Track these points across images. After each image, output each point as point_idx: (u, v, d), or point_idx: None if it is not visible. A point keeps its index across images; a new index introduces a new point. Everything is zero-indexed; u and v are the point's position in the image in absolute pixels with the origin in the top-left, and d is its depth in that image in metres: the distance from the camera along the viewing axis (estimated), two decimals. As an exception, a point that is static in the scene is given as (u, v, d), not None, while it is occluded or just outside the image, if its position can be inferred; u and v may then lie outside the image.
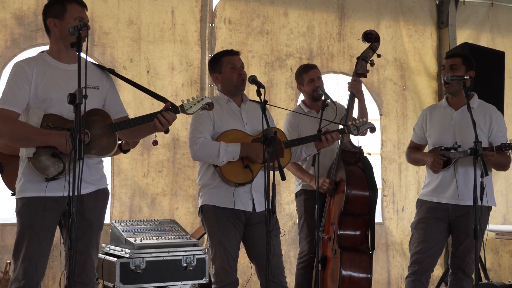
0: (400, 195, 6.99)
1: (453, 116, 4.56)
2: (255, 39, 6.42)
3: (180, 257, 5.00)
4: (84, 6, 3.48)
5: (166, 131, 4.32)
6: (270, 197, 3.54)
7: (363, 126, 4.43)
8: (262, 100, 3.76)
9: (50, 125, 3.26)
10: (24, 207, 3.37)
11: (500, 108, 6.52)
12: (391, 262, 6.91)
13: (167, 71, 6.05)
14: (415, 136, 4.82)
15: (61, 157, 3.29)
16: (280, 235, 4.15)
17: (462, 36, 7.32)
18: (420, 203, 4.69)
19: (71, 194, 3.01)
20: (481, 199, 4.05)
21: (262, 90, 3.81)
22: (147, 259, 4.89)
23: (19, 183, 3.41)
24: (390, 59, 7.01)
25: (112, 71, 3.64)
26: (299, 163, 5.05)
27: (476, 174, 4.06)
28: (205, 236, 5.55)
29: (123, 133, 3.57)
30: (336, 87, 6.84)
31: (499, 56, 6.67)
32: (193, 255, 5.03)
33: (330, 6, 6.80)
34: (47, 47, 3.56)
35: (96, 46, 5.74)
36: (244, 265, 5.82)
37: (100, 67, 3.63)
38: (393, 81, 7.07)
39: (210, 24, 6.23)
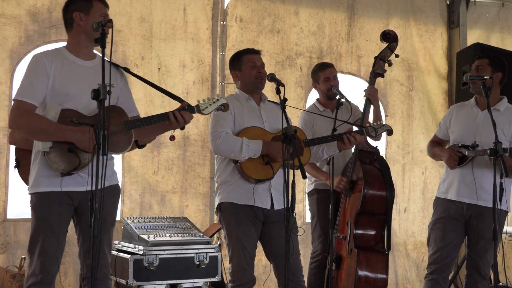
0: (403, 196, 6.97)
1: (478, 115, 4.57)
2: (265, 38, 6.41)
3: (193, 255, 4.99)
4: (107, 6, 3.53)
5: (182, 128, 4.33)
6: (290, 196, 3.52)
7: (381, 129, 4.42)
8: (282, 98, 3.75)
9: (74, 120, 3.25)
10: (39, 201, 3.36)
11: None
12: (397, 263, 6.90)
13: (178, 69, 6.04)
14: (439, 131, 4.84)
15: (77, 152, 3.28)
16: (299, 234, 4.14)
17: (473, 36, 7.30)
18: (437, 202, 4.69)
19: (93, 189, 3.00)
20: (500, 200, 4.05)
21: (281, 88, 3.80)
22: (160, 256, 4.88)
23: (32, 177, 3.40)
24: (398, 60, 6.98)
25: (127, 70, 3.66)
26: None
27: (495, 174, 4.05)
28: (217, 234, 5.56)
29: (136, 131, 3.57)
30: (343, 87, 6.84)
31: (510, 56, 6.65)
32: (206, 253, 5.03)
33: (341, 5, 6.79)
34: (59, 44, 3.56)
35: (108, 43, 5.69)
36: (261, 263, 5.82)
37: (115, 65, 3.62)
38: (400, 82, 7.05)
39: (221, 22, 6.22)
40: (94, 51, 3.57)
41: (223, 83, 6.19)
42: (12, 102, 3.37)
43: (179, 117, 3.47)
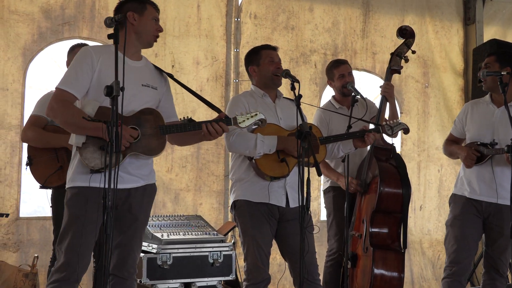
0: (418, 194, 6.90)
1: (494, 113, 4.50)
2: (280, 35, 6.36)
3: (207, 253, 4.96)
4: (158, 11, 3.58)
5: None
6: (305, 193, 3.47)
7: (398, 127, 4.37)
8: (297, 94, 3.70)
9: (86, 117, 3.22)
10: (73, 197, 3.34)
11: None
12: (412, 261, 6.83)
13: (192, 66, 6.00)
14: (454, 129, 4.77)
15: (108, 151, 3.25)
16: (314, 232, 4.08)
17: (489, 33, 7.22)
18: (454, 198, 4.62)
19: (107, 187, 2.98)
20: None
21: (296, 85, 3.75)
22: (174, 254, 4.85)
23: (70, 173, 3.39)
24: (413, 56, 6.88)
25: (171, 76, 3.68)
26: (326, 160, 4.98)
27: (513, 172, 3.99)
28: (231, 232, 5.52)
29: (172, 137, 3.61)
30: (358, 84, 6.78)
31: (527, 53, 6.57)
32: (220, 251, 4.99)
33: (355, 2, 6.72)
34: (72, 41, 3.56)
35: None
36: (275, 262, 5.77)
37: (160, 69, 3.66)
38: (415, 79, 6.98)
39: (235, 19, 6.17)
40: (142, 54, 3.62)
41: (237, 80, 6.14)
42: (54, 89, 3.38)
43: (211, 129, 3.47)
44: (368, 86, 6.55)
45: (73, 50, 4.55)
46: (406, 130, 4.42)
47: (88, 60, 3.34)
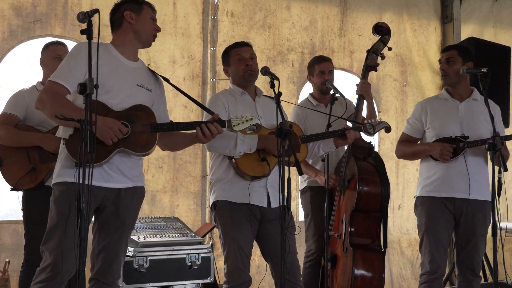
0: (397, 193, 6.86)
1: (458, 108, 4.45)
2: (257, 33, 6.27)
3: (185, 256, 4.86)
4: (154, 12, 3.60)
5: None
6: (286, 193, 3.39)
7: (379, 126, 4.29)
8: (277, 92, 3.63)
9: (59, 116, 3.10)
10: (61, 194, 3.22)
11: (506, 103, 6.46)
12: (391, 261, 6.79)
13: (168, 65, 5.89)
14: (410, 129, 4.61)
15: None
16: (296, 233, 4.00)
17: (466, 31, 7.22)
18: (423, 201, 4.44)
19: (81, 189, 2.87)
20: (499, 195, 3.95)
21: (276, 82, 3.67)
22: (151, 257, 4.74)
23: (57, 168, 3.29)
24: (391, 55, 6.87)
25: (166, 80, 3.65)
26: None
27: (494, 169, 3.95)
28: (209, 234, 5.42)
29: (163, 140, 3.53)
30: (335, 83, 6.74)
31: (505, 51, 6.59)
32: (198, 253, 4.89)
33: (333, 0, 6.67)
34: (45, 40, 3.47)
35: (95, 38, 5.54)
36: (253, 263, 5.68)
37: (155, 73, 3.61)
38: (393, 77, 6.95)
39: (212, 17, 6.07)
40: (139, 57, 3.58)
41: (214, 79, 6.05)
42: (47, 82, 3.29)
43: (206, 130, 3.40)
44: (346, 85, 6.49)
45: (47, 48, 4.43)
46: (387, 129, 4.34)
47: (83, 55, 3.24)
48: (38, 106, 3.27)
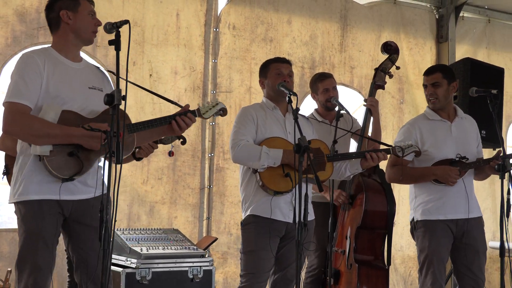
0: (392, 210, 6.90)
1: (451, 128, 4.45)
2: (258, 46, 6.29)
3: (187, 268, 4.80)
4: (92, 3, 3.37)
5: (183, 142, 4.19)
6: (303, 209, 3.38)
7: (409, 149, 4.15)
8: (295, 107, 3.63)
9: (86, 127, 3.06)
10: (30, 211, 3.10)
11: (499, 124, 6.54)
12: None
13: (170, 76, 5.86)
14: None
15: (79, 156, 3.09)
16: (311, 249, 4.00)
17: (460, 51, 7.33)
18: (426, 224, 4.36)
19: (104, 201, 2.84)
20: (508, 216, 3.99)
21: (293, 97, 3.69)
22: (153, 269, 4.68)
23: (19, 185, 3.12)
24: (389, 72, 6.94)
25: (112, 72, 3.41)
26: None
27: (502, 190, 4.00)
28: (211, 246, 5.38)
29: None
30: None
31: (499, 72, 6.68)
32: (200, 266, 4.84)
33: (333, 15, 6.71)
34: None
35: (99, 47, 5.53)
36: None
37: (100, 68, 3.48)
38: (391, 94, 7.01)
39: (214, 29, 6.07)
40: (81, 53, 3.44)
41: (214, 92, 6.04)
42: (2, 104, 3.12)
43: (182, 122, 3.34)
44: (346, 100, 6.53)
45: None
46: (417, 153, 4.23)
47: (34, 67, 3.13)
48: (7, 130, 3.13)
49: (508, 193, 4.01)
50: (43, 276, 3.09)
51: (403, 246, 6.90)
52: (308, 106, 5.39)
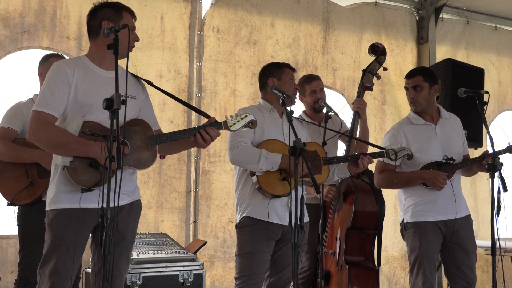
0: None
1: (436, 131, 4.47)
2: (242, 49, 6.30)
3: (177, 273, 4.80)
4: (134, 18, 3.37)
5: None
6: (298, 212, 3.39)
7: (402, 152, 4.18)
8: (289, 110, 3.65)
9: (87, 131, 3.04)
10: (57, 218, 3.14)
11: (486, 123, 6.63)
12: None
13: (155, 79, 5.83)
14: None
15: (98, 167, 3.08)
16: (305, 251, 4.01)
17: (440, 52, 7.42)
18: (417, 225, 4.37)
19: (105, 206, 2.82)
20: (498, 215, 4.02)
21: (287, 100, 3.70)
22: (144, 274, 4.66)
23: (51, 193, 3.19)
24: (371, 74, 7.00)
25: (149, 82, 3.50)
26: None
27: (493, 189, 4.03)
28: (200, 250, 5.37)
29: (159, 146, 3.40)
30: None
31: (479, 72, 6.77)
32: (190, 270, 4.84)
33: (316, 18, 6.75)
34: (32, 51, 3.38)
35: (84, 51, 5.47)
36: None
37: (136, 77, 3.47)
38: (373, 96, 7.06)
39: (199, 32, 6.06)
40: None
41: (199, 95, 6.02)
42: (31, 112, 3.14)
43: (205, 135, 3.33)
44: (329, 102, 6.55)
45: (47, 60, 4.29)
46: (409, 156, 4.24)
47: (62, 76, 3.15)
48: (31, 138, 3.15)
49: (499, 192, 4.04)
50: (61, 281, 3.11)
51: (387, 246, 6.95)
52: (296, 108, 5.40)
